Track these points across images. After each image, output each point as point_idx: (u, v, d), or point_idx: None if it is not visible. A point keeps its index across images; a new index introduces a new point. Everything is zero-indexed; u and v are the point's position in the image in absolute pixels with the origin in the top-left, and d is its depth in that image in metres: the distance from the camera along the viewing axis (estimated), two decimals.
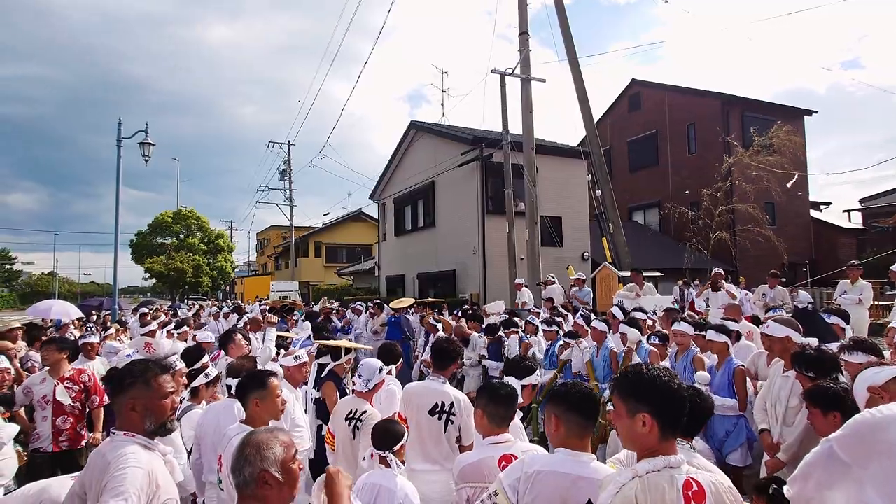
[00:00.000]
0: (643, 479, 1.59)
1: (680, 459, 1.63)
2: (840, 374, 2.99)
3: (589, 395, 2.06)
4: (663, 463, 1.61)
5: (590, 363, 5.57)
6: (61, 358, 4.61)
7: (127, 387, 2.01)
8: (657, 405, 1.65)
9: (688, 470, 1.62)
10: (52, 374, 4.52)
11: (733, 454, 4.15)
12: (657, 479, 1.58)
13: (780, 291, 8.92)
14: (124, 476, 1.84)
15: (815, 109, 22.57)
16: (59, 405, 4.44)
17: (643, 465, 1.62)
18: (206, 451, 3.07)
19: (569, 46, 11.89)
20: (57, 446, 4.40)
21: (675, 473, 1.59)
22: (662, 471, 1.59)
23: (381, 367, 3.44)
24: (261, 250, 54.30)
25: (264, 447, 1.68)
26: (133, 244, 40.71)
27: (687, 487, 1.57)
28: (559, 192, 16.61)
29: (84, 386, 4.63)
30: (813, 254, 21.75)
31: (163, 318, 9.28)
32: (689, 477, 1.59)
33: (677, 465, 1.61)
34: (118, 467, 1.86)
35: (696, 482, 1.59)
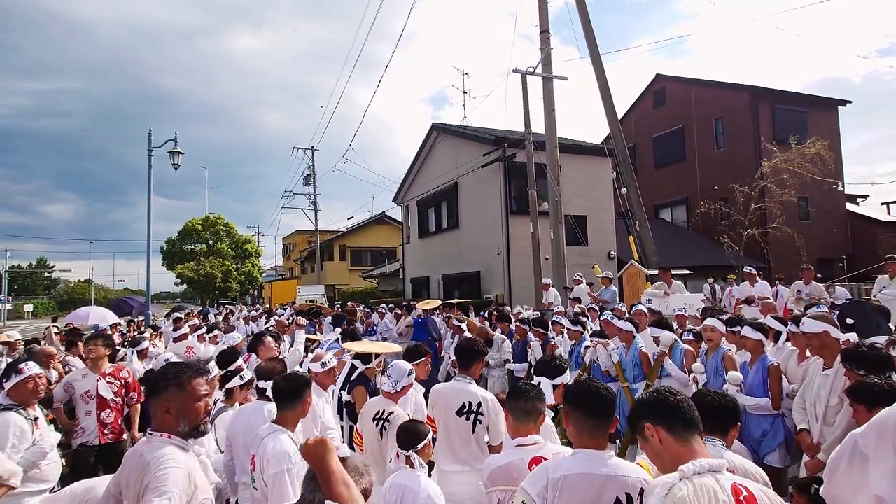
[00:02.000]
0: (692, 480, 1.55)
1: (722, 463, 1.61)
2: (893, 371, 2.87)
3: (594, 392, 2.02)
4: (708, 465, 1.58)
5: (619, 364, 5.49)
6: (105, 354, 4.78)
7: (161, 390, 2.04)
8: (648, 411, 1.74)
9: (732, 476, 1.60)
10: (94, 369, 4.69)
11: (771, 455, 4.03)
12: (705, 481, 1.55)
13: (816, 287, 8.65)
14: (167, 476, 1.87)
15: (849, 99, 21.82)
16: (103, 399, 4.60)
17: (689, 466, 1.58)
18: (237, 451, 3.11)
19: (591, 43, 11.76)
20: (104, 438, 4.58)
21: (720, 478, 1.57)
22: (706, 474, 1.56)
23: (410, 370, 3.46)
24: (287, 255, 55.09)
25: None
26: (164, 251, 41.72)
27: (736, 493, 1.54)
28: (583, 191, 16.43)
29: (124, 381, 4.79)
30: (850, 248, 21.02)
31: (195, 322, 9.49)
32: (736, 483, 1.57)
33: (719, 469, 1.59)
34: (159, 467, 1.89)
35: (744, 488, 1.56)
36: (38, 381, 3.51)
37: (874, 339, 3.54)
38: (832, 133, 21.05)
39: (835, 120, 21.56)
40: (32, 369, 3.51)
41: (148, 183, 15.45)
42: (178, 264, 40.17)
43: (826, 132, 20.20)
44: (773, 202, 16.84)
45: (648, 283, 10.22)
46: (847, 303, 5.68)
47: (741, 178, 17.23)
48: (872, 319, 4.15)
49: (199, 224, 41.64)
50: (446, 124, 20.55)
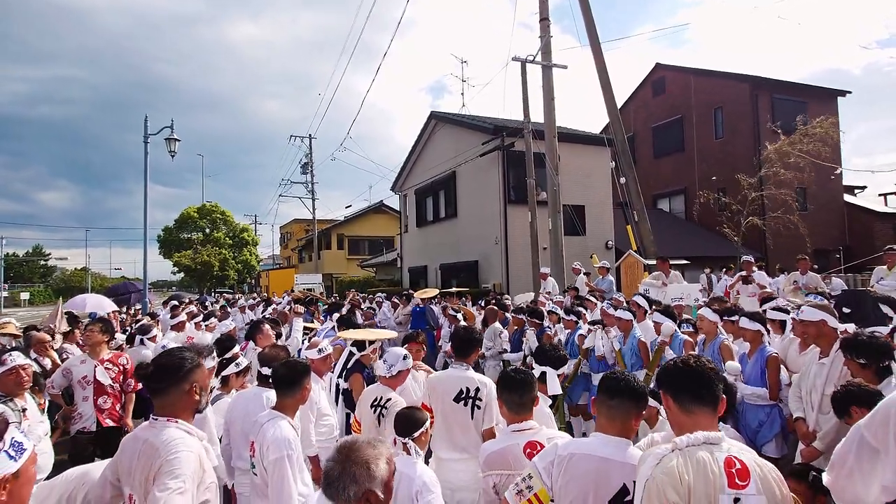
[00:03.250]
0: (683, 451, 1.58)
1: (720, 436, 1.63)
2: (893, 360, 2.89)
3: (627, 382, 2.05)
4: (703, 438, 1.61)
5: (619, 352, 5.52)
6: (103, 340, 4.76)
7: (188, 371, 2.10)
8: (663, 379, 1.76)
9: (729, 448, 1.61)
10: (92, 355, 4.67)
11: (768, 445, 4.05)
12: (698, 452, 1.58)
13: (813, 277, 8.67)
14: (179, 460, 1.91)
15: (849, 90, 21.75)
16: (100, 385, 4.59)
17: (682, 438, 1.62)
18: (234, 437, 3.12)
19: (591, 31, 11.66)
20: (104, 422, 4.57)
21: (716, 450, 1.59)
22: (702, 446, 1.59)
23: (405, 355, 3.46)
24: (284, 244, 54.99)
25: (373, 465, 1.62)
26: (160, 239, 41.61)
27: (729, 465, 1.56)
28: (582, 181, 16.40)
29: (123, 368, 4.78)
30: (847, 239, 21.07)
31: (193, 309, 9.48)
32: (731, 455, 1.59)
33: (717, 442, 1.61)
34: (171, 451, 1.92)
35: (738, 461, 1.58)
36: (23, 373, 3.49)
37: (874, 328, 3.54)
38: (832, 123, 21.01)
39: (834, 111, 21.48)
40: (16, 360, 3.47)
41: (144, 170, 15.37)
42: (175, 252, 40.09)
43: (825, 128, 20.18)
44: (774, 190, 16.83)
45: (646, 272, 10.23)
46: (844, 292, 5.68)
47: (740, 169, 17.22)
48: (869, 308, 4.15)
49: (195, 212, 41.49)
50: (445, 113, 20.43)
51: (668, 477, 1.54)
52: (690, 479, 1.52)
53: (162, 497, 1.82)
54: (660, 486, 1.54)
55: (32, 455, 1.61)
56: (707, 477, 1.53)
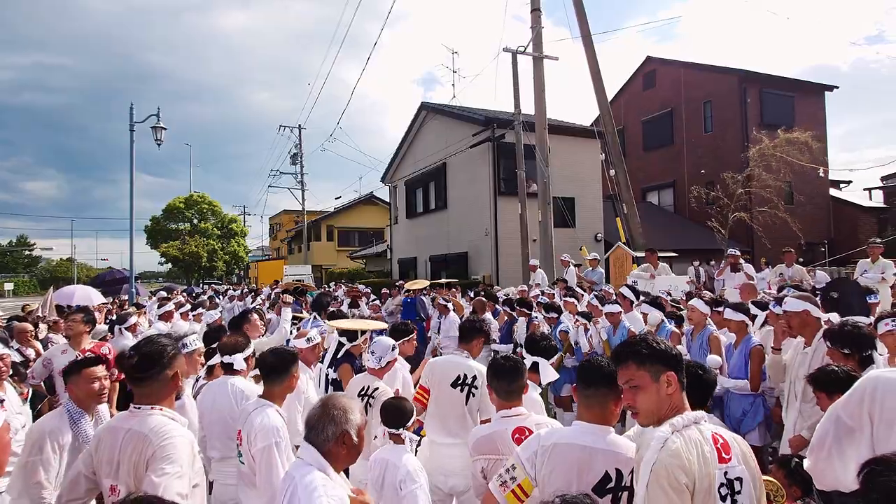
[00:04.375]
0: (682, 433, 1.61)
1: (702, 415, 1.68)
2: (874, 349, 2.93)
3: (600, 368, 2.05)
4: (693, 418, 1.65)
5: (607, 342, 5.55)
6: (85, 330, 4.69)
7: (171, 359, 2.11)
8: (675, 365, 1.73)
9: (710, 426, 1.67)
10: (74, 345, 4.59)
11: (751, 433, 4.12)
12: (692, 433, 1.61)
13: (798, 269, 8.77)
14: (174, 445, 1.92)
15: (836, 85, 21.96)
16: None
17: (678, 420, 1.64)
18: (207, 427, 3.10)
19: (582, 23, 11.65)
20: None
21: (702, 428, 1.64)
22: (692, 426, 1.63)
23: (393, 346, 3.46)
24: (273, 235, 54.66)
25: (350, 411, 1.90)
26: (148, 230, 41.15)
27: (714, 441, 1.61)
28: (572, 173, 16.43)
29: (105, 358, 4.70)
30: (832, 233, 21.36)
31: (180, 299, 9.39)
32: (714, 432, 1.64)
33: (699, 420, 1.66)
34: (164, 437, 1.93)
35: (720, 436, 1.64)
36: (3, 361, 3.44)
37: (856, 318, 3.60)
38: (818, 118, 21.23)
39: (821, 105, 21.71)
40: None
41: (130, 159, 15.16)
42: (163, 243, 39.69)
43: (812, 117, 20.36)
44: (759, 185, 17.00)
45: (635, 264, 10.30)
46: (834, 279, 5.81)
47: (729, 163, 17.37)
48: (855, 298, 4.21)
49: (183, 203, 41.06)
50: (435, 104, 20.34)
51: (676, 459, 1.55)
52: (693, 459, 1.55)
53: (161, 482, 1.82)
54: (668, 469, 1.54)
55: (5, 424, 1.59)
56: (704, 455, 1.56)
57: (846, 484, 1.63)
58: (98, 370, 2.82)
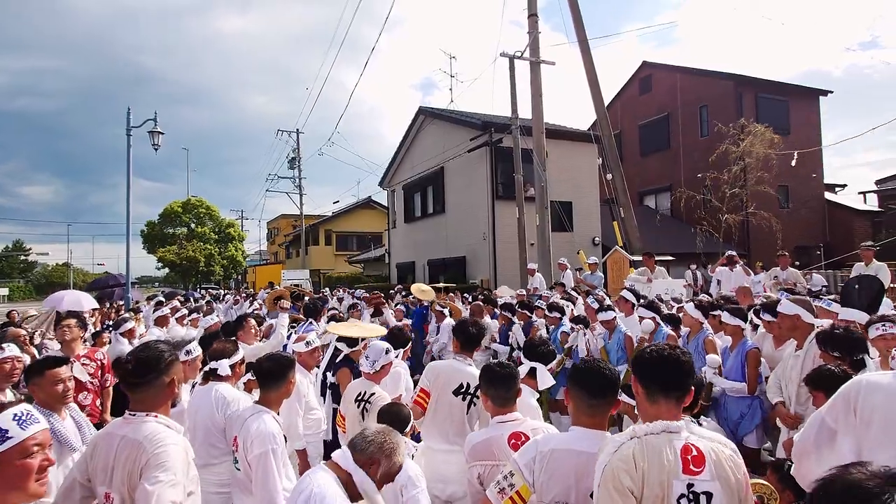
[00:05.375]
0: (641, 439, 1.61)
1: (680, 426, 1.65)
2: (867, 354, 2.95)
3: (598, 372, 2.04)
4: (662, 427, 1.63)
5: (604, 348, 5.56)
6: (79, 335, 4.67)
7: (168, 365, 2.09)
8: (636, 367, 1.77)
9: (688, 437, 1.63)
10: (67, 351, 4.55)
11: (749, 436, 4.14)
12: (655, 440, 1.60)
13: (793, 273, 8.81)
14: (168, 452, 1.90)
15: (830, 90, 22.08)
16: (79, 382, 4.49)
17: (642, 427, 1.65)
18: (190, 432, 3.10)
19: (578, 28, 11.71)
20: None
21: (674, 438, 1.61)
22: (661, 434, 1.62)
23: (387, 349, 3.44)
24: (271, 239, 54.56)
25: (395, 450, 2.01)
26: (144, 234, 41.01)
27: (686, 452, 1.59)
28: (569, 177, 16.48)
29: (101, 363, 4.69)
30: (827, 236, 21.44)
31: (176, 304, 9.36)
32: (689, 443, 1.61)
33: (677, 431, 1.63)
34: (158, 444, 1.91)
35: (695, 447, 1.60)
36: (16, 364, 3.39)
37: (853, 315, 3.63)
38: (813, 122, 21.35)
39: (816, 110, 21.83)
40: (13, 351, 3.37)
41: (127, 164, 15.12)
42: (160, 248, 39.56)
43: (807, 121, 20.46)
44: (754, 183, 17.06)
45: (632, 268, 10.33)
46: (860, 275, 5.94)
47: (725, 166, 17.42)
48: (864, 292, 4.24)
49: (180, 207, 40.95)
50: (433, 108, 20.40)
51: (624, 463, 1.58)
52: (645, 465, 1.55)
53: (154, 490, 1.80)
54: (615, 471, 1.58)
55: (23, 445, 1.54)
56: (662, 464, 1.55)
57: None
58: (62, 371, 2.76)
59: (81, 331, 4.72)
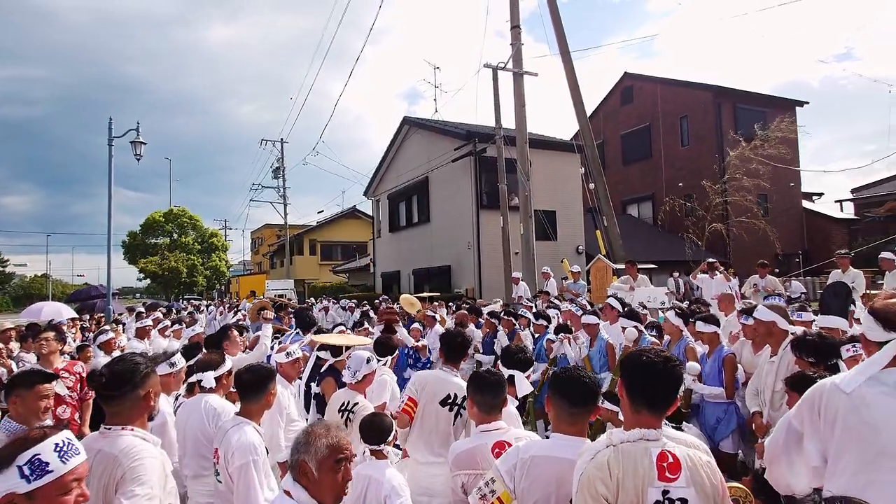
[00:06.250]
0: (618, 447, 1.63)
1: (658, 433, 1.66)
2: (839, 359, 3.03)
3: (578, 380, 2.06)
4: (639, 435, 1.64)
5: (587, 357, 5.60)
6: (57, 349, 4.59)
7: (143, 378, 2.07)
8: (625, 373, 1.76)
9: (665, 444, 1.64)
10: (45, 364, 4.48)
11: (725, 441, 4.20)
12: (632, 448, 1.62)
13: (772, 280, 8.99)
14: (144, 466, 1.89)
15: (806, 101, 22.64)
16: (57, 395, 4.42)
17: (618, 434, 1.67)
18: (181, 445, 3.08)
19: (561, 40, 11.88)
20: None
21: (651, 446, 1.62)
22: (638, 442, 1.63)
23: (368, 358, 3.43)
24: (255, 249, 54.06)
25: (311, 439, 1.75)
26: (126, 245, 40.40)
27: (662, 459, 1.60)
28: (553, 186, 16.64)
29: (80, 376, 4.62)
30: (806, 244, 21.88)
31: (158, 315, 9.25)
32: (665, 450, 1.62)
33: (655, 439, 1.64)
34: (134, 458, 1.90)
35: (671, 454, 1.61)
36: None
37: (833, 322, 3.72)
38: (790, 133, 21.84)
39: (793, 120, 22.35)
40: None
41: (109, 173, 14.96)
42: (141, 258, 38.99)
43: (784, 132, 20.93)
44: (736, 195, 17.38)
45: (615, 276, 10.43)
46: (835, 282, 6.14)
47: (705, 175, 17.75)
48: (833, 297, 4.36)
49: (162, 217, 40.46)
50: (417, 118, 20.49)
51: (598, 471, 1.60)
52: (620, 472, 1.57)
53: None
54: (590, 479, 1.60)
55: (62, 481, 1.42)
56: (636, 471, 1.57)
57: (798, 489, 1.69)
58: (50, 387, 2.75)
59: (59, 344, 4.65)
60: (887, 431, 1.51)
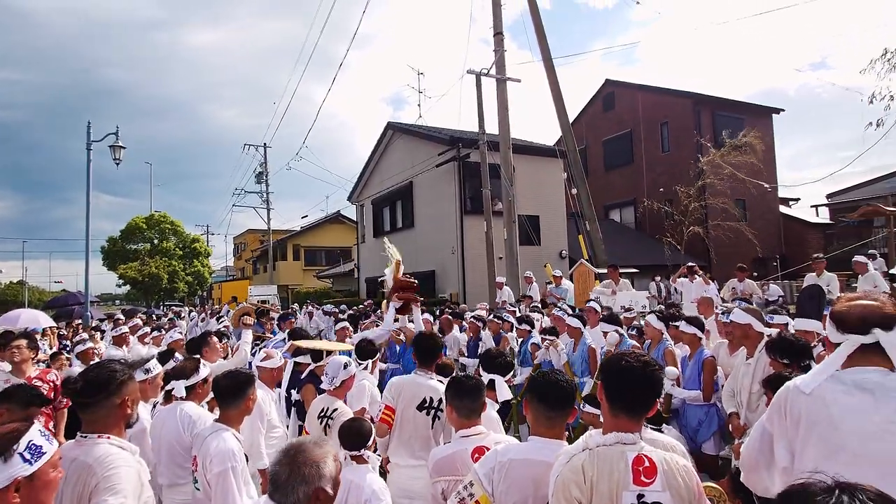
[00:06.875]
0: (593, 451, 1.64)
1: (636, 437, 1.67)
2: (812, 360, 3.10)
3: (556, 384, 2.07)
4: (615, 438, 1.65)
5: (567, 363, 5.63)
6: (29, 357, 4.49)
7: (119, 385, 2.05)
8: (604, 376, 1.76)
9: (642, 448, 1.65)
10: (18, 374, 4.37)
11: (707, 443, 4.26)
12: (608, 452, 1.63)
13: (749, 284, 9.15)
14: (119, 475, 1.87)
15: (783, 108, 23.19)
16: None
17: (595, 438, 1.68)
18: (156, 453, 3.04)
19: (543, 47, 12.01)
20: None
21: (627, 450, 1.63)
22: (614, 445, 1.64)
23: (345, 364, 3.42)
24: (238, 254, 53.50)
25: (323, 464, 1.62)
26: (105, 251, 39.71)
27: (638, 462, 1.60)
28: (536, 191, 16.75)
29: (53, 385, 4.52)
30: (783, 248, 22.31)
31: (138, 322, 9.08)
32: (642, 454, 1.63)
33: (632, 443, 1.65)
34: (108, 467, 1.88)
35: (647, 458, 1.62)
36: None
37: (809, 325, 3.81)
38: (767, 139, 22.31)
39: (769, 127, 22.85)
40: None
41: (87, 178, 14.72)
42: (121, 264, 38.34)
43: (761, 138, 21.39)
44: (712, 196, 17.67)
45: (597, 281, 10.53)
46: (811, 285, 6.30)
47: (685, 181, 18.02)
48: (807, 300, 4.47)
49: (143, 222, 39.86)
50: (401, 123, 20.51)
51: (573, 474, 1.61)
52: (594, 475, 1.58)
53: None
54: (565, 482, 1.61)
55: (53, 460, 1.61)
56: (612, 474, 1.57)
57: (775, 491, 1.72)
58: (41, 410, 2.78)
59: (32, 352, 4.54)
60: (844, 427, 1.55)
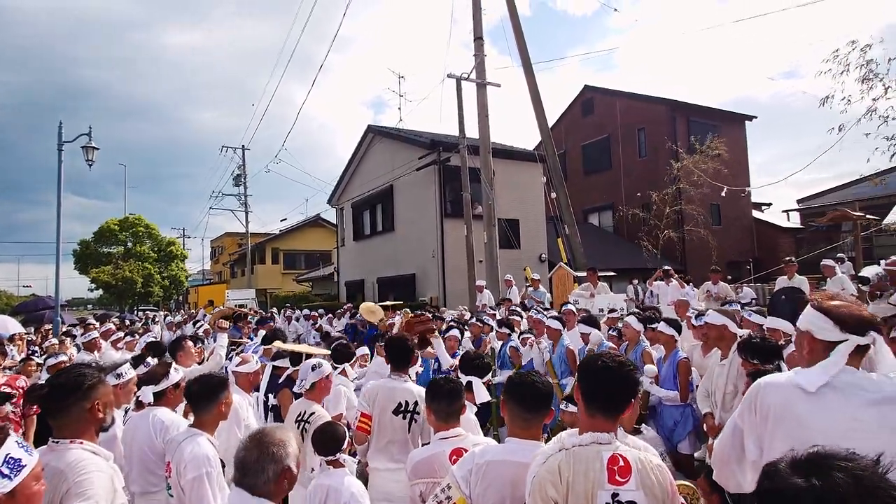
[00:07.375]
0: (569, 451, 1.65)
1: (611, 437, 1.68)
2: (782, 360, 3.19)
3: (531, 385, 2.08)
4: (591, 439, 1.67)
5: (549, 362, 5.69)
6: None
7: (89, 389, 2.02)
8: (581, 377, 1.78)
9: (617, 447, 1.67)
10: None
11: (682, 442, 4.34)
12: (583, 452, 1.65)
13: (724, 287, 9.34)
14: (90, 481, 1.84)
15: (755, 115, 23.80)
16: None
17: (570, 438, 1.70)
18: (127, 460, 2.97)
19: (523, 52, 12.13)
20: None
21: (603, 449, 1.65)
22: (590, 445, 1.66)
23: (314, 365, 3.40)
24: (215, 258, 52.70)
25: (287, 443, 1.75)
26: (76, 254, 38.71)
27: (613, 462, 1.62)
28: (516, 195, 16.86)
29: (22, 391, 4.41)
30: (756, 252, 22.82)
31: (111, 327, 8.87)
32: (617, 453, 1.65)
33: (607, 442, 1.67)
34: (80, 472, 1.85)
35: (622, 458, 1.64)
36: None
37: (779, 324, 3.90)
38: (740, 145, 22.84)
39: (743, 133, 23.40)
40: None
41: (58, 179, 14.35)
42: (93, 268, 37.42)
43: (735, 144, 21.90)
44: (686, 202, 17.99)
45: (576, 284, 10.64)
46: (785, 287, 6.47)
47: (661, 186, 18.32)
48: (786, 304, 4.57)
49: (117, 225, 39.00)
50: (382, 126, 20.47)
51: (549, 474, 1.63)
52: (570, 475, 1.60)
53: None
54: (541, 482, 1.63)
55: (35, 472, 1.54)
56: (587, 474, 1.60)
57: (746, 486, 1.76)
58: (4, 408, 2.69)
59: (1, 358, 4.43)
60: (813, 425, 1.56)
